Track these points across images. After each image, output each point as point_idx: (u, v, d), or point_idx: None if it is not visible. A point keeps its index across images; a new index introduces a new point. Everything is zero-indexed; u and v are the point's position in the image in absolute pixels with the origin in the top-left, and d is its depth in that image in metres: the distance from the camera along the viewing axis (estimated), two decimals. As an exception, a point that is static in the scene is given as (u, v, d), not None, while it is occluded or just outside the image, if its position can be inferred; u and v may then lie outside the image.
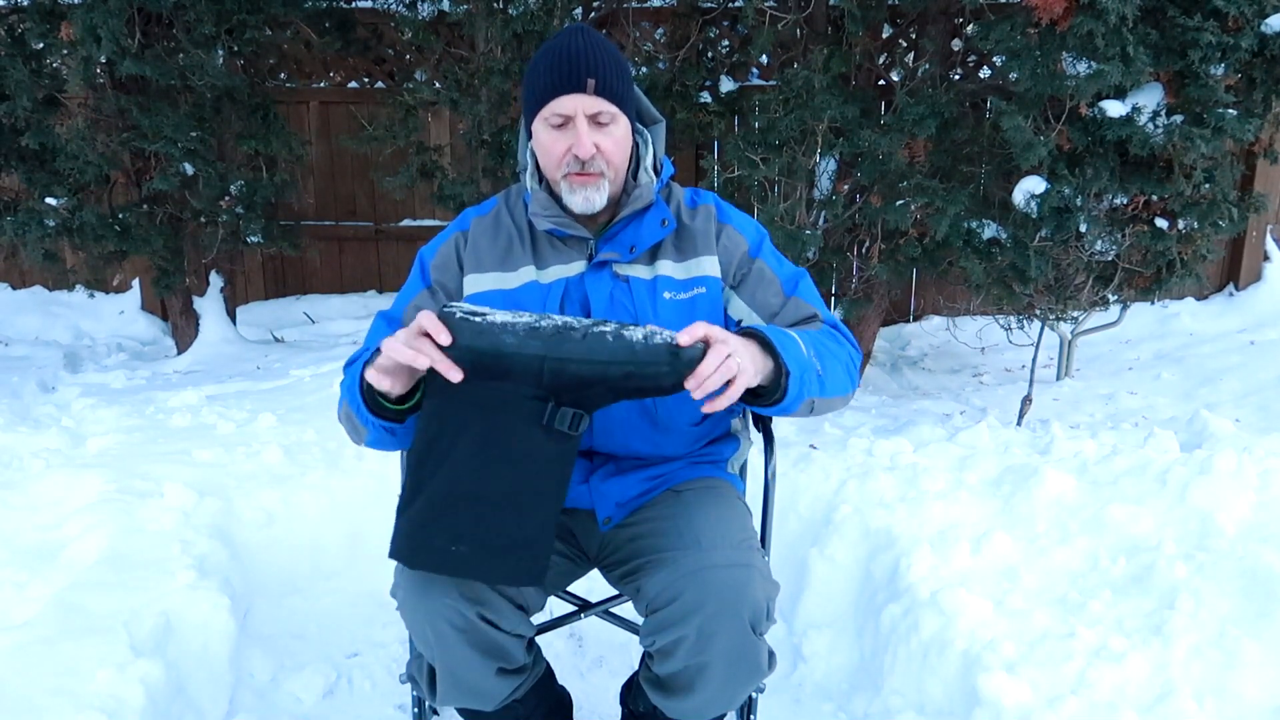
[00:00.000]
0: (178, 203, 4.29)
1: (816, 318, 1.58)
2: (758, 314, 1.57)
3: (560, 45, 1.48)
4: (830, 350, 1.48)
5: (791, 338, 1.40)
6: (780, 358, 1.35)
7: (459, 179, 4.06)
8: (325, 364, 3.91)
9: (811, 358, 1.41)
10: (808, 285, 1.61)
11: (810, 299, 1.60)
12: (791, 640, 2.31)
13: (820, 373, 1.42)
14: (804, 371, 1.38)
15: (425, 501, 1.34)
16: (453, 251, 1.61)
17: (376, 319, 1.62)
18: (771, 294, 1.58)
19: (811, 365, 1.40)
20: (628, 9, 4.19)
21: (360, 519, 2.57)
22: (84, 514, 2.26)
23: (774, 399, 1.38)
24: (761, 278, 1.59)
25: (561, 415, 1.31)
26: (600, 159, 1.49)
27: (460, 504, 1.33)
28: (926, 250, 3.69)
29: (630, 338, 1.29)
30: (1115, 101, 3.06)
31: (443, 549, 1.34)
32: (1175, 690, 1.65)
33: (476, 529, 1.33)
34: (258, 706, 2.07)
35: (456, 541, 1.34)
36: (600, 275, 1.55)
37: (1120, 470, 2.40)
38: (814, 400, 1.42)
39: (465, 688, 1.50)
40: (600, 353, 1.28)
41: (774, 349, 1.36)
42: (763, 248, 1.62)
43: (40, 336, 5.07)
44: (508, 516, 1.33)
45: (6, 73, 3.84)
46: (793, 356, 1.37)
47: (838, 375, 1.47)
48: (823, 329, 1.55)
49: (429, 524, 1.34)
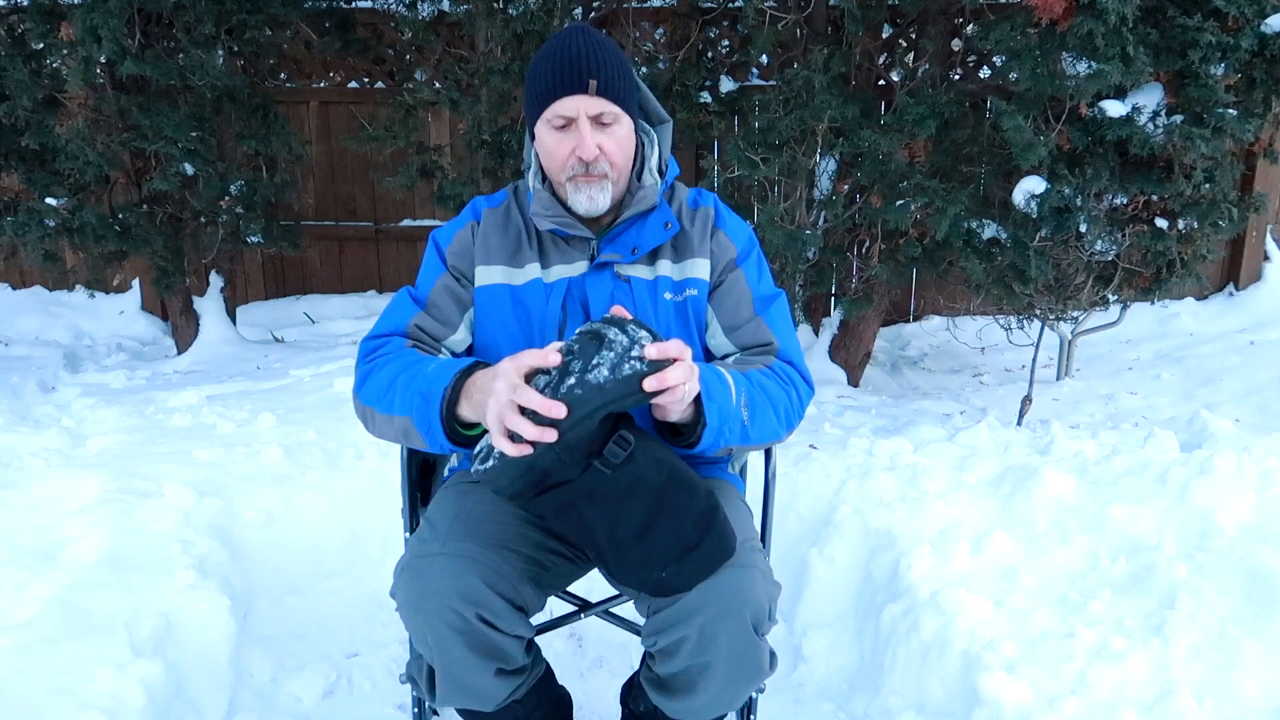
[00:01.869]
0: (178, 203, 4.29)
1: (771, 348, 1.57)
2: (721, 324, 1.58)
3: (561, 46, 1.47)
4: (769, 396, 1.47)
5: (725, 384, 1.39)
6: (703, 411, 1.34)
7: (459, 179, 4.06)
8: (325, 364, 3.91)
9: (740, 407, 1.40)
10: (780, 310, 1.61)
11: (776, 325, 1.59)
12: (791, 640, 2.31)
13: (745, 423, 1.41)
14: (725, 424, 1.37)
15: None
16: (468, 238, 1.61)
17: (401, 295, 1.61)
18: (742, 307, 1.58)
19: (737, 415, 1.40)
20: (628, 9, 4.19)
21: (360, 519, 2.57)
22: (84, 514, 2.26)
23: (688, 442, 1.39)
24: (735, 288, 1.59)
25: (611, 452, 1.31)
26: (604, 160, 1.49)
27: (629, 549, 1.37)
28: (926, 250, 3.69)
29: (596, 379, 1.24)
30: (1115, 101, 3.06)
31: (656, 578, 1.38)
32: (1175, 690, 1.65)
33: (661, 553, 1.36)
34: (258, 706, 2.07)
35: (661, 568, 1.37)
36: (601, 276, 1.56)
37: (1120, 470, 2.40)
38: (732, 448, 1.43)
39: (464, 688, 1.49)
40: (587, 404, 1.25)
41: (700, 399, 1.34)
42: (749, 258, 1.62)
43: (40, 336, 5.07)
44: (666, 534, 1.36)
45: (6, 73, 3.84)
46: (718, 408, 1.36)
47: (767, 423, 1.46)
48: (773, 366, 1.54)
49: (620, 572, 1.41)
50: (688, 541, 1.35)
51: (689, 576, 1.37)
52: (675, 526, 1.34)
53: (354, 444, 2.81)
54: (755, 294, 1.59)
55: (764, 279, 1.62)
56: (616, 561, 1.39)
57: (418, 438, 1.41)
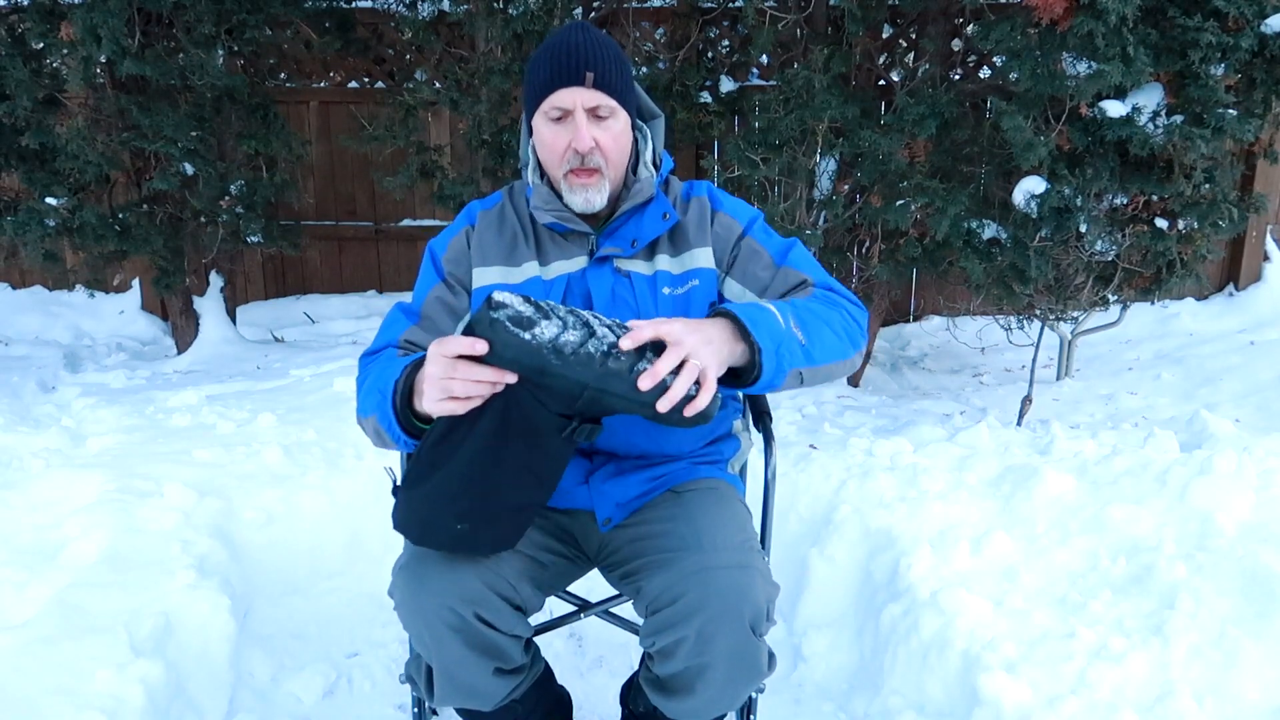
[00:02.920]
0: (178, 203, 4.29)
1: (807, 283, 1.55)
2: (750, 290, 1.57)
3: (560, 40, 1.49)
4: (819, 315, 1.44)
5: (766, 311, 1.35)
6: (751, 335, 1.31)
7: (459, 179, 4.06)
8: (325, 364, 3.91)
9: (792, 328, 1.36)
10: (799, 253, 1.59)
11: (801, 265, 1.57)
12: (791, 640, 2.31)
13: (804, 342, 1.37)
14: (780, 345, 1.33)
15: (440, 481, 1.34)
16: (464, 243, 1.62)
17: (394, 311, 1.61)
18: (761, 267, 1.57)
19: (792, 336, 1.35)
20: (628, 9, 4.19)
21: (360, 519, 2.57)
22: (84, 514, 2.26)
23: (753, 378, 1.33)
24: (751, 253, 1.59)
25: (581, 430, 1.31)
26: (599, 153, 1.49)
27: (472, 485, 1.33)
28: (926, 250, 3.69)
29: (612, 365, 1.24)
30: (1115, 101, 3.06)
31: (449, 528, 1.35)
32: (1175, 690, 1.65)
33: (482, 508, 1.35)
34: (258, 706, 2.07)
35: (463, 520, 1.35)
36: (602, 270, 1.56)
37: (1120, 470, 2.40)
38: (802, 371, 1.37)
39: (462, 688, 1.49)
40: (632, 390, 1.24)
41: (744, 327, 1.31)
42: (754, 226, 1.62)
43: (40, 336, 5.07)
44: (508, 496, 1.35)
45: (6, 73, 3.84)
46: (766, 331, 1.32)
47: (828, 341, 1.42)
48: (814, 293, 1.52)
49: (441, 503, 1.35)
50: (504, 504, 1.36)
51: (472, 538, 1.38)
52: (515, 489, 1.35)
53: (354, 444, 2.81)
54: (771, 250, 1.59)
55: (773, 236, 1.62)
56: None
57: (387, 436, 1.41)
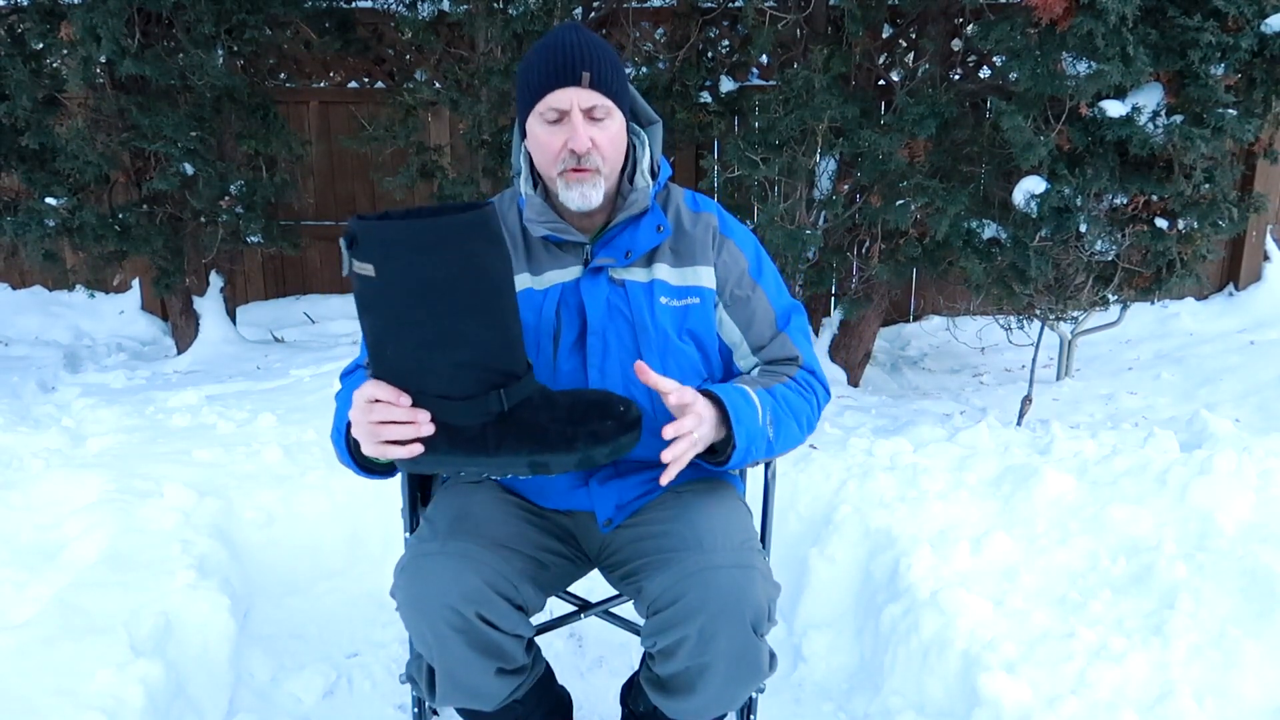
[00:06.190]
0: (178, 203, 4.29)
1: (797, 361, 1.62)
2: (748, 342, 1.61)
3: (554, 40, 1.46)
4: (792, 409, 1.54)
5: (751, 407, 1.45)
6: (732, 432, 1.41)
7: (459, 179, 4.06)
8: (325, 364, 3.91)
9: (766, 425, 1.47)
10: (799, 322, 1.65)
11: (797, 338, 1.63)
12: (791, 640, 2.31)
13: (770, 438, 1.48)
14: (752, 442, 1.44)
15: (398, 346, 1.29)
16: None
17: None
18: (766, 326, 1.62)
19: (763, 433, 1.46)
20: (628, 9, 4.19)
21: (360, 519, 2.57)
22: (84, 514, 2.26)
23: (718, 460, 1.46)
24: (759, 308, 1.61)
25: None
26: (596, 154, 1.46)
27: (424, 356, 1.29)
28: (926, 250, 3.69)
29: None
30: (1115, 101, 3.06)
31: (429, 362, 1.30)
32: (1175, 690, 1.65)
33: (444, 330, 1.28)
34: (258, 706, 2.07)
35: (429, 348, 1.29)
36: (596, 280, 1.53)
37: (1120, 470, 2.40)
38: (757, 461, 1.50)
39: (464, 688, 1.49)
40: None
41: (729, 423, 1.41)
42: (763, 269, 1.63)
43: (40, 336, 5.07)
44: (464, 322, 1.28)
45: (6, 73, 3.84)
46: (745, 430, 1.42)
47: (790, 434, 1.53)
48: (796, 377, 1.59)
49: (409, 350, 1.29)
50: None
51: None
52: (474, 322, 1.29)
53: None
54: (777, 311, 1.63)
55: (782, 293, 1.65)
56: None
57: (360, 476, 1.50)
